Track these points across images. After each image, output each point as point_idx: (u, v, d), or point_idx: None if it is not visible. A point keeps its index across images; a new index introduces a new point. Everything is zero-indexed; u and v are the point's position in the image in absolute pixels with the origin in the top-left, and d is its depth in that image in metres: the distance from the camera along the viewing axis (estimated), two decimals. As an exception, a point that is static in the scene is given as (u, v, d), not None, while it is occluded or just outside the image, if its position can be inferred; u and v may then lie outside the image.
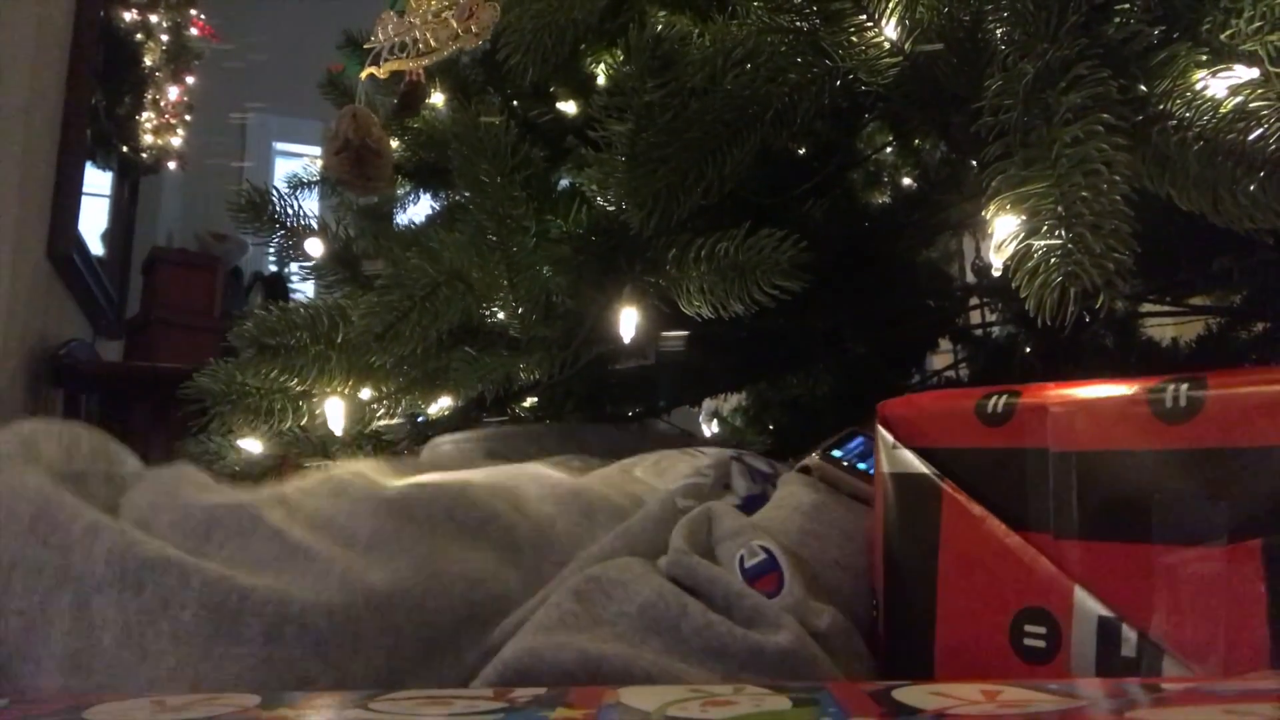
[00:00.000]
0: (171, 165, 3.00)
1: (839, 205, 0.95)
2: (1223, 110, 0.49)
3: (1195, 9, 0.54)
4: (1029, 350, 1.05)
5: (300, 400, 0.89)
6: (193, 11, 2.93)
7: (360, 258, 1.05)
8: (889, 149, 1.12)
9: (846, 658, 0.52)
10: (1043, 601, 0.45)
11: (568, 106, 1.09)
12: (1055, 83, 0.52)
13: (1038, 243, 0.49)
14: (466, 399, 0.94)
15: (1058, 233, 0.48)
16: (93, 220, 2.58)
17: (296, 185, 1.30)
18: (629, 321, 0.73)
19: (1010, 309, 1.07)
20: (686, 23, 0.81)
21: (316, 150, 2.90)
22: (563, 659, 0.46)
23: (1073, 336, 0.93)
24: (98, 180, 2.67)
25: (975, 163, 0.64)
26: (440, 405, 0.97)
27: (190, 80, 2.99)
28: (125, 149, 2.69)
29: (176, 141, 2.96)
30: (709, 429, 1.46)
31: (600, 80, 1.02)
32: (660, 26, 0.72)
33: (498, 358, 0.81)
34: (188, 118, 3.01)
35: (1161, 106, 0.52)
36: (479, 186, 0.74)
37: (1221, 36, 0.52)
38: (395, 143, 1.12)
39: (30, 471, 0.52)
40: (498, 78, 1.09)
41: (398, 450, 0.96)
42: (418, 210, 1.28)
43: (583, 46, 0.96)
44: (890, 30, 0.62)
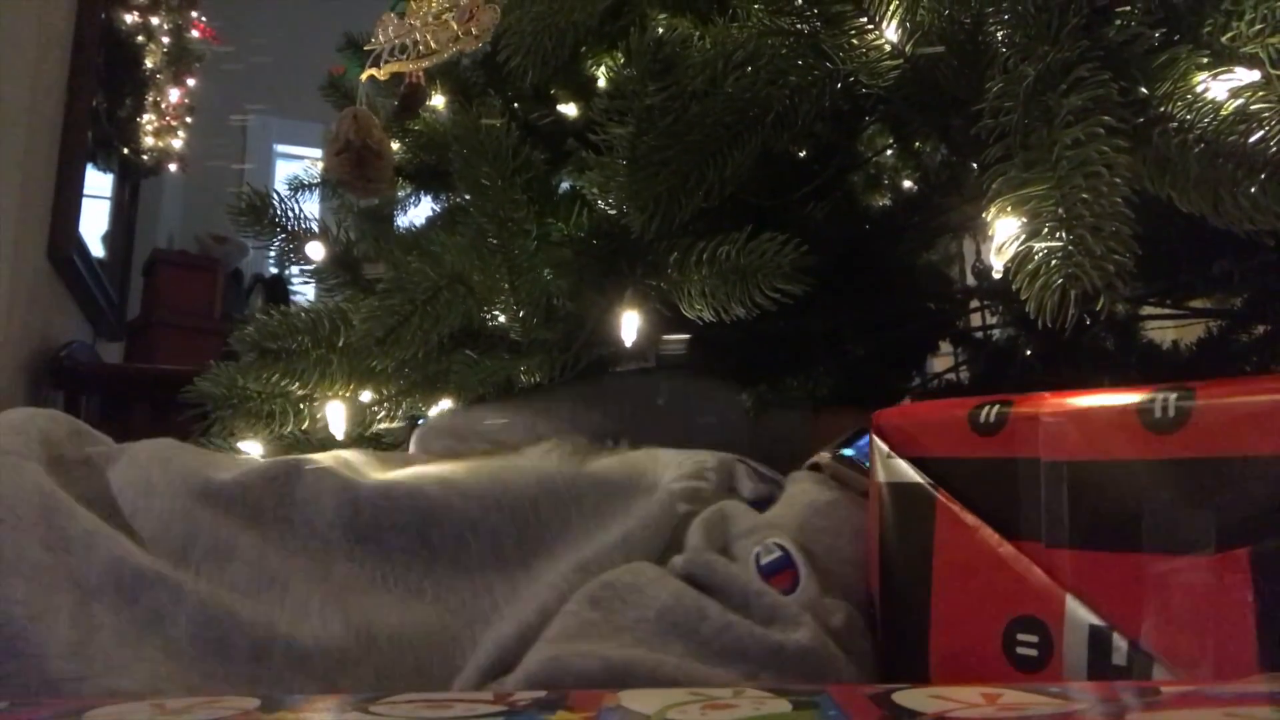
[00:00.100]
0: (172, 167, 3.01)
1: (839, 208, 0.95)
2: (1224, 113, 0.49)
3: (1196, 11, 0.54)
4: (1029, 353, 1.05)
5: (301, 404, 0.89)
6: (194, 14, 2.94)
7: (361, 261, 1.05)
8: (889, 151, 1.12)
9: (859, 655, 0.52)
10: (1034, 610, 0.46)
11: (568, 109, 1.09)
12: (1056, 85, 0.52)
13: (1038, 245, 0.49)
14: (467, 402, 0.94)
15: (1058, 235, 0.48)
16: (94, 222, 2.58)
17: (297, 187, 1.30)
18: (630, 325, 0.73)
19: (1011, 311, 1.07)
20: (687, 25, 0.80)
21: (317, 152, 2.91)
22: (588, 667, 0.46)
23: (1073, 339, 0.93)
24: (99, 182, 2.67)
25: (976, 165, 0.64)
26: (441, 408, 0.97)
27: (191, 82, 3.00)
28: (126, 151, 2.70)
29: (177, 144, 2.96)
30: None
31: (601, 83, 1.02)
32: (661, 29, 0.73)
33: (498, 361, 0.81)
34: (188, 120, 3.02)
35: (1162, 109, 0.52)
36: (480, 189, 0.74)
37: (1222, 39, 0.52)
38: (396, 145, 1.12)
39: (28, 467, 0.53)
40: (498, 80, 1.09)
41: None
42: (418, 213, 1.28)
43: (583, 49, 0.96)
44: (891, 33, 0.63)
